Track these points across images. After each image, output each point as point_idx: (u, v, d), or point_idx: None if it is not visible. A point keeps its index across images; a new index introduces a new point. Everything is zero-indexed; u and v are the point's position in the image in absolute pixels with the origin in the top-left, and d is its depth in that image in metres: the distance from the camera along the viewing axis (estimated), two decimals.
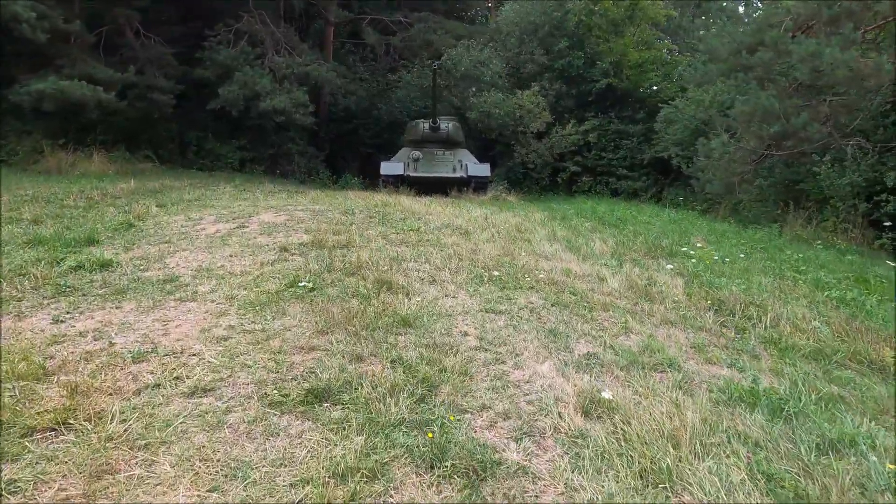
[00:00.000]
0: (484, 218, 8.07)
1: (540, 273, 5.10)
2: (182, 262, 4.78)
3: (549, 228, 7.82)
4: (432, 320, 3.69)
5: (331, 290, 4.12)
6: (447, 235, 6.24)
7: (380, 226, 6.40)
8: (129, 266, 4.64)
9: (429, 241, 5.84)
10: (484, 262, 5.22)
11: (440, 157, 17.06)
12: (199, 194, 10.08)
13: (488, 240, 6.29)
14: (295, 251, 5.05)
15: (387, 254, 5.09)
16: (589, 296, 4.61)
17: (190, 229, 6.12)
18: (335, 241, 5.40)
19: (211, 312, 3.64)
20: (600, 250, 6.80)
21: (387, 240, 5.72)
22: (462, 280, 4.60)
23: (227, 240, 5.50)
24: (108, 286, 4.15)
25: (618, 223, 9.54)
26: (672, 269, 5.67)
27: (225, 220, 6.61)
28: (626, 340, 3.81)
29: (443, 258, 5.20)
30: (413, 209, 7.64)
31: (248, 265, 4.65)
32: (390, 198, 9.62)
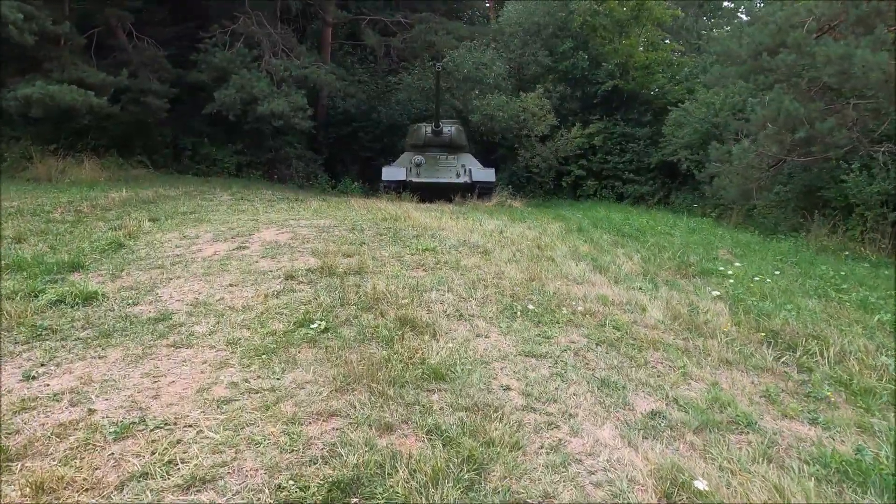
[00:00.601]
0: (499, 232, 7.57)
1: (573, 301, 4.60)
2: (176, 293, 4.26)
3: (569, 244, 7.32)
4: (467, 370, 3.18)
5: (346, 330, 3.61)
6: (465, 255, 5.74)
7: (392, 245, 5.89)
8: (117, 299, 4.12)
9: (447, 262, 5.33)
10: (511, 289, 4.72)
11: (443, 161, 16.55)
12: (194, 205, 9.55)
13: (510, 260, 5.78)
14: (302, 279, 4.54)
15: (404, 281, 4.58)
16: (633, 330, 4.11)
17: (185, 250, 5.59)
18: (346, 265, 4.88)
19: (209, 363, 3.13)
20: (629, 269, 6.31)
21: (402, 262, 5.21)
22: (492, 314, 4.10)
23: (227, 264, 4.98)
24: (91, 326, 3.63)
25: (636, 234, 9.05)
26: (717, 294, 5.17)
27: (223, 238, 6.09)
28: (688, 390, 3.31)
29: (466, 285, 4.69)
30: (424, 224, 7.13)
31: (251, 297, 4.13)
32: (398, 209, 9.10)
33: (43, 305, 3.95)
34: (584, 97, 20.54)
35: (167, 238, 6.26)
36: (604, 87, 19.58)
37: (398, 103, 21.44)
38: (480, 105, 18.77)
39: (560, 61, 20.05)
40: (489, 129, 19.03)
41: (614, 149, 19.88)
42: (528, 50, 20.28)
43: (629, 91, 20.02)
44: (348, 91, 20.30)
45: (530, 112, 18.53)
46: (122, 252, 5.67)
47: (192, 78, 16.62)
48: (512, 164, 19.91)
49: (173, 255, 5.44)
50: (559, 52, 20.05)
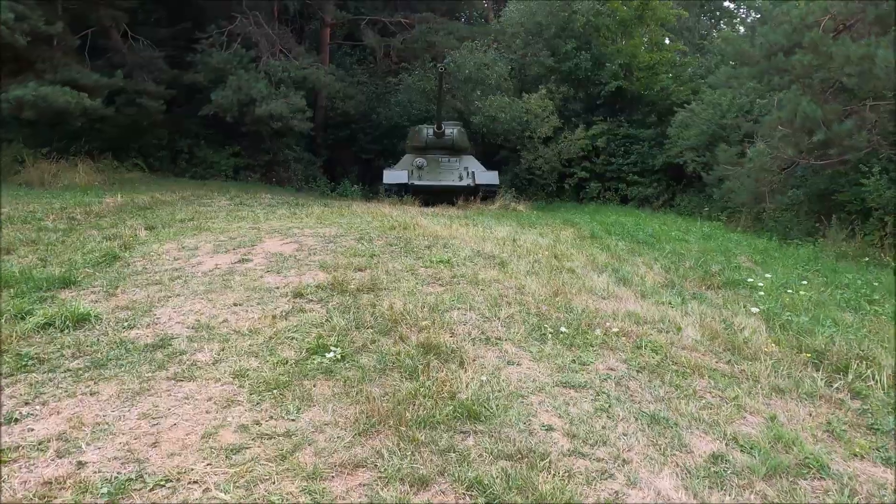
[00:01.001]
0: (512, 240, 7.24)
1: (603, 318, 4.28)
2: (176, 314, 3.93)
3: (586, 252, 7.00)
4: (502, 406, 2.85)
5: (365, 358, 3.28)
6: (482, 268, 5.41)
7: (404, 256, 5.56)
8: (111, 322, 3.78)
9: (464, 276, 5.01)
10: (536, 306, 4.39)
11: (445, 164, 16.24)
12: (192, 212, 9.20)
13: (529, 272, 5.46)
14: (312, 297, 4.21)
15: (422, 299, 4.25)
16: (672, 353, 3.79)
17: (184, 263, 5.25)
18: (358, 281, 4.55)
19: (215, 400, 2.79)
20: (652, 281, 5.99)
21: (416, 277, 4.88)
22: (520, 336, 3.77)
23: (229, 280, 4.64)
24: (83, 354, 3.29)
25: (651, 241, 8.74)
26: (756, 311, 4.85)
27: (224, 249, 5.75)
28: (746, 426, 3.00)
29: (487, 302, 4.37)
30: (435, 232, 6.80)
31: (258, 319, 3.80)
32: (405, 215, 8.77)
33: (30, 329, 3.61)
34: (588, 98, 20.24)
35: (165, 249, 5.92)
36: (607, 88, 19.29)
37: (398, 105, 21.11)
38: (482, 106, 18.45)
39: (563, 62, 19.74)
40: (491, 130, 18.71)
41: (618, 150, 19.59)
42: (530, 50, 19.97)
43: (633, 92, 19.73)
44: (347, 92, 19.95)
45: (533, 113, 18.21)
46: (118, 265, 5.33)
47: (189, 79, 16.27)
48: (514, 167, 19.60)
49: (171, 268, 5.10)
50: (562, 53, 19.73)
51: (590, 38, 19.80)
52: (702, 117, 16.33)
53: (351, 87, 20.43)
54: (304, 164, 20.41)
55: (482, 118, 18.45)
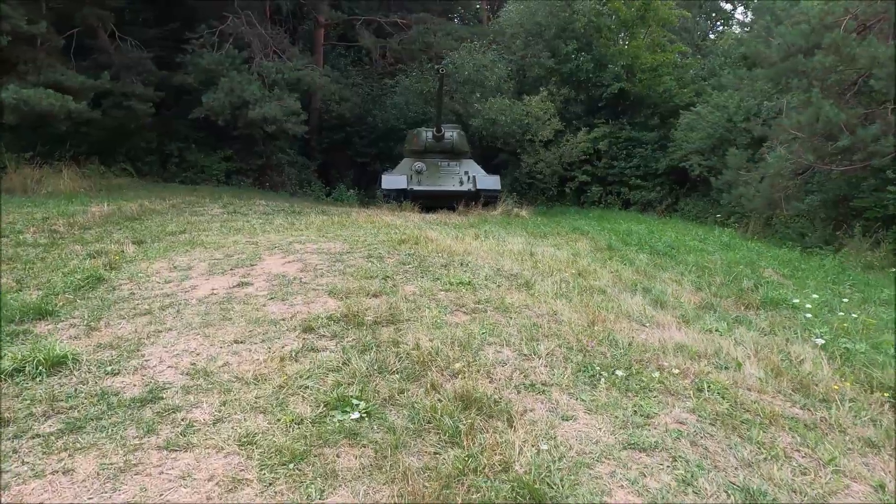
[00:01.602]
0: (529, 254, 6.75)
1: (651, 352, 3.80)
2: (167, 354, 3.40)
3: (609, 268, 6.52)
4: (568, 481, 2.35)
5: (394, 415, 2.76)
6: (507, 290, 4.91)
7: (420, 277, 5.05)
8: (93, 365, 3.25)
9: (489, 301, 4.50)
10: (575, 338, 3.90)
11: (445, 168, 15.75)
12: (184, 222, 8.64)
13: (557, 294, 4.96)
14: (324, 332, 3.68)
15: (449, 333, 3.74)
16: (740, 397, 3.30)
17: (176, 287, 4.72)
18: (374, 310, 4.03)
19: (218, 480, 2.27)
20: (688, 301, 5.52)
21: (437, 303, 4.37)
22: (567, 379, 3.27)
23: (228, 310, 4.11)
24: (56, 412, 2.76)
25: (671, 252, 8.27)
26: (822, 343, 4.37)
27: (220, 269, 5.22)
28: (851, 496, 2.51)
29: (522, 334, 3.87)
30: (448, 247, 6.29)
31: (263, 361, 3.28)
32: (411, 226, 8.26)
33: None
34: (589, 100, 19.80)
35: (154, 269, 5.37)
36: (610, 90, 18.85)
37: (394, 107, 20.60)
38: (482, 109, 17.96)
39: (563, 63, 19.29)
40: (491, 133, 18.22)
41: (620, 154, 19.17)
42: (530, 51, 19.50)
43: (635, 94, 19.30)
44: (343, 94, 19.40)
45: (534, 116, 17.74)
46: (102, 289, 4.79)
47: (179, 81, 15.69)
48: (514, 170, 19.13)
49: (162, 294, 4.56)
50: (562, 54, 19.29)
51: (591, 39, 19.36)
52: (708, 120, 15.92)
53: (346, 90, 19.91)
54: (298, 168, 19.86)
55: (482, 121, 17.97)
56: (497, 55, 18.71)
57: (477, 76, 17.92)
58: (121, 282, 4.98)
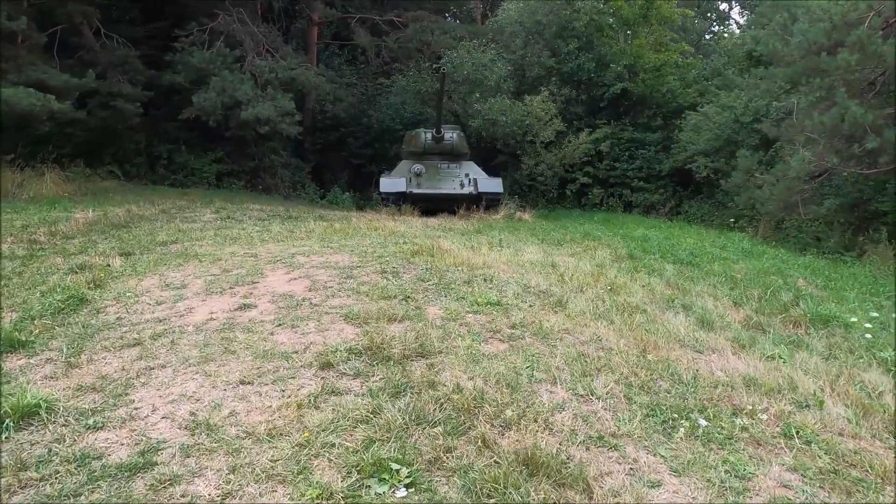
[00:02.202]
0: (550, 265, 6.25)
1: (719, 386, 3.31)
2: (161, 400, 2.86)
3: (639, 280, 6.04)
4: None
5: (445, 486, 2.24)
6: (540, 310, 4.41)
7: (443, 295, 4.52)
8: (71, 416, 2.70)
9: (524, 325, 3.99)
10: (630, 370, 3.40)
11: (445, 170, 15.22)
12: (175, 231, 8.07)
13: (595, 314, 4.47)
14: (345, 368, 3.16)
15: (489, 367, 3.22)
16: (836, 445, 2.82)
17: (170, 311, 4.17)
18: (400, 340, 3.50)
19: None
20: (734, 320, 5.05)
21: (468, 329, 3.85)
22: (638, 428, 2.76)
23: (230, 340, 3.57)
24: (23, 485, 2.22)
25: (695, 261, 7.81)
26: None
27: (218, 288, 4.67)
28: None
29: (571, 367, 3.36)
30: (466, 259, 5.77)
31: (277, 408, 2.74)
32: (419, 233, 7.74)
33: None
34: (590, 100, 19.36)
35: (144, 287, 4.82)
36: (612, 90, 18.42)
37: (390, 107, 20.06)
38: (482, 109, 17.45)
39: (564, 63, 18.84)
40: (490, 134, 17.72)
41: (622, 155, 18.75)
42: (530, 50, 19.02)
43: (638, 94, 18.87)
44: (338, 94, 18.83)
45: (536, 117, 17.25)
46: (85, 312, 4.23)
47: (168, 80, 15.06)
48: (513, 172, 18.63)
49: (154, 319, 4.01)
50: (563, 53, 18.83)
51: (592, 38, 18.92)
52: (714, 121, 15.51)
53: (341, 89, 19.34)
54: (292, 170, 19.27)
55: (481, 121, 17.46)
56: (496, 54, 18.19)
57: (476, 75, 17.39)
58: (106, 303, 4.43)
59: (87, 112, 13.49)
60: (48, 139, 13.28)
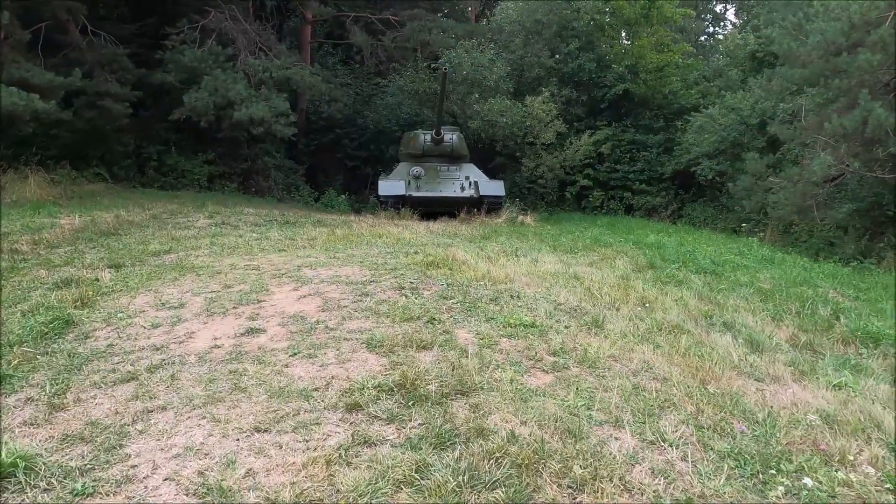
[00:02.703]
0: (573, 278, 5.85)
1: (799, 427, 2.91)
2: (163, 455, 2.41)
3: (669, 294, 5.64)
4: None
5: None
6: (578, 331, 4.00)
7: (470, 316, 4.10)
8: (55, 476, 2.24)
9: (566, 351, 3.58)
10: (696, 407, 3.00)
11: (445, 173, 14.79)
12: (167, 238, 7.60)
13: (637, 337, 4.06)
14: (376, 411, 2.72)
15: (541, 408, 2.80)
16: None
17: (167, 336, 3.71)
18: (434, 373, 3.07)
19: None
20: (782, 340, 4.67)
21: (506, 357, 3.42)
22: (728, 488, 2.35)
23: (239, 373, 3.13)
24: None
25: (717, 270, 7.44)
26: None
27: (220, 307, 4.22)
28: None
29: (630, 404, 2.95)
30: (487, 273, 5.34)
31: (302, 466, 2.31)
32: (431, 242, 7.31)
33: None
34: (591, 101, 19.02)
35: (137, 306, 4.36)
36: (613, 91, 18.08)
37: (386, 108, 19.62)
38: (481, 110, 17.04)
39: (565, 63, 18.47)
40: (490, 135, 17.32)
41: (623, 157, 18.42)
42: (529, 50, 18.63)
43: (639, 95, 18.54)
44: (333, 94, 18.35)
45: (537, 118, 16.86)
46: (71, 337, 3.77)
47: (158, 79, 14.52)
48: (513, 175, 18.23)
49: (150, 346, 3.55)
50: (564, 53, 18.47)
51: (593, 38, 18.57)
52: (720, 122, 15.19)
53: (336, 90, 18.86)
54: (285, 172, 18.79)
55: (480, 122, 17.05)
56: (495, 54, 17.79)
57: (475, 76, 16.98)
58: (95, 325, 3.96)
59: (73, 112, 12.96)
60: (32, 140, 12.74)
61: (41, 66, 12.42)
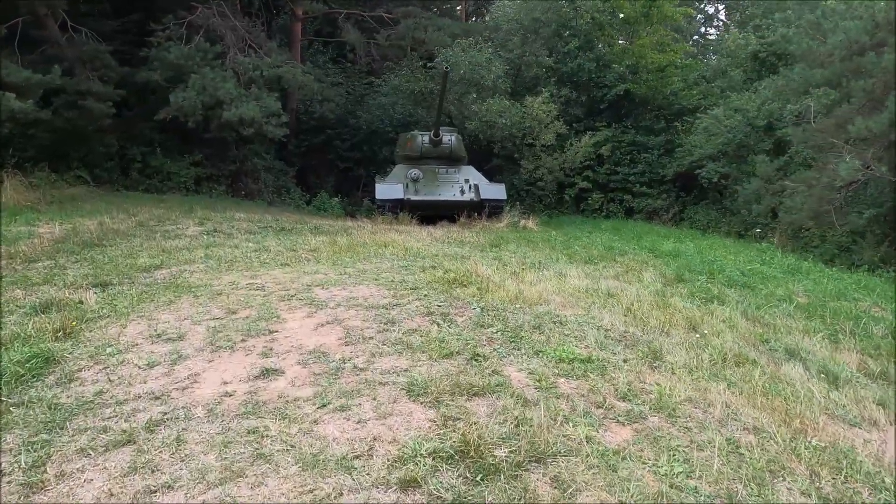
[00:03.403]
0: (607, 295, 5.35)
1: None
2: None
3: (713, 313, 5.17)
4: None
5: None
6: (638, 366, 3.50)
7: (515, 348, 3.57)
8: None
9: (635, 394, 3.08)
10: (810, 468, 2.52)
11: (444, 176, 14.27)
12: (157, 250, 7.00)
13: (708, 373, 3.58)
14: (436, 488, 2.19)
15: (635, 478, 2.30)
16: None
17: (167, 379, 3.15)
18: (498, 435, 2.55)
19: None
20: (847, 364, 4.21)
21: (573, 406, 2.91)
22: None
23: (259, 433, 2.58)
24: None
25: (749, 282, 7.00)
26: None
27: (226, 338, 3.66)
28: None
29: (733, 468, 2.46)
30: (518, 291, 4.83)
31: None
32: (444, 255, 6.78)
33: None
34: (590, 102, 18.57)
35: (129, 338, 3.79)
36: (614, 91, 17.64)
37: (379, 108, 19.03)
38: (479, 110, 16.52)
39: (564, 62, 18.01)
40: (488, 137, 16.81)
41: (624, 159, 17.99)
42: (527, 49, 18.14)
43: (640, 95, 18.12)
44: (326, 94, 17.74)
45: (537, 119, 16.38)
46: (52, 380, 3.20)
47: (142, 77, 13.82)
48: (510, 177, 17.71)
49: (147, 393, 2.99)
50: (563, 52, 18.00)
51: (592, 38, 18.13)
52: (725, 124, 14.81)
53: (328, 89, 18.25)
54: (275, 174, 18.13)
55: (478, 123, 16.53)
56: (493, 52, 17.28)
57: (473, 75, 16.46)
58: (81, 364, 3.39)
59: (52, 112, 12.26)
60: (9, 142, 12.03)
61: (18, 64, 11.71)
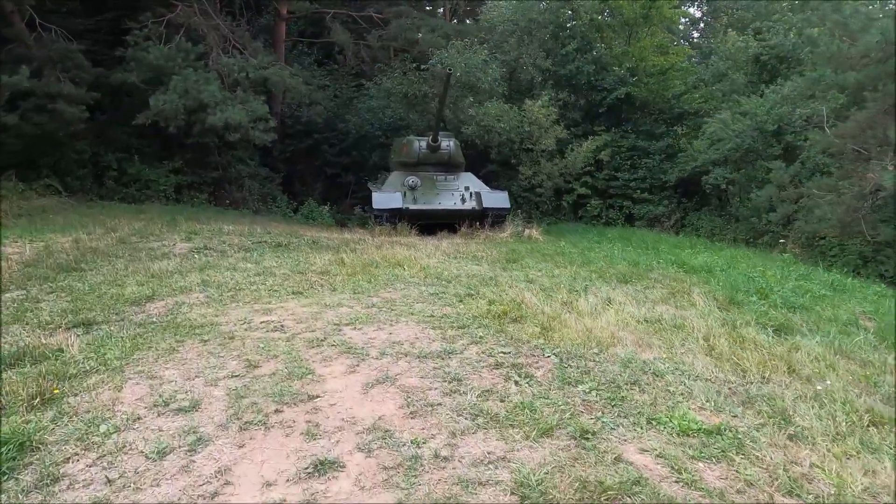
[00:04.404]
0: (672, 326, 4.67)
1: None
2: None
3: (800, 349, 4.51)
4: None
5: None
6: (774, 436, 2.81)
7: (621, 415, 2.83)
8: None
9: (797, 485, 2.39)
10: None
11: (443, 183, 13.53)
12: (145, 275, 6.13)
13: (860, 443, 2.89)
14: None
15: None
16: None
17: (188, 480, 2.34)
18: None
19: None
20: None
21: None
22: None
23: None
24: None
25: (802, 303, 6.38)
26: None
27: (254, 411, 2.86)
28: None
29: None
30: (585, 329, 4.11)
31: None
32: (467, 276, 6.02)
33: None
34: (588, 105, 17.99)
35: (127, 407, 2.97)
36: (614, 95, 17.07)
37: (369, 111, 18.23)
38: (476, 114, 15.82)
39: (562, 65, 17.40)
40: (485, 142, 16.11)
41: (624, 164, 17.44)
42: (524, 51, 17.49)
43: (640, 99, 17.59)
44: (314, 97, 16.88)
45: (537, 123, 15.72)
46: (30, 480, 2.38)
47: (118, 79, 12.86)
48: (507, 182, 17.02)
49: None
50: (561, 55, 17.40)
51: (590, 40, 17.55)
52: (733, 129, 14.30)
53: (317, 92, 17.38)
54: (260, 181, 17.19)
55: (475, 128, 15.83)
56: (489, 54, 16.60)
57: (469, 78, 15.74)
58: (67, 451, 2.57)
59: (19, 116, 11.28)
60: None
61: None
